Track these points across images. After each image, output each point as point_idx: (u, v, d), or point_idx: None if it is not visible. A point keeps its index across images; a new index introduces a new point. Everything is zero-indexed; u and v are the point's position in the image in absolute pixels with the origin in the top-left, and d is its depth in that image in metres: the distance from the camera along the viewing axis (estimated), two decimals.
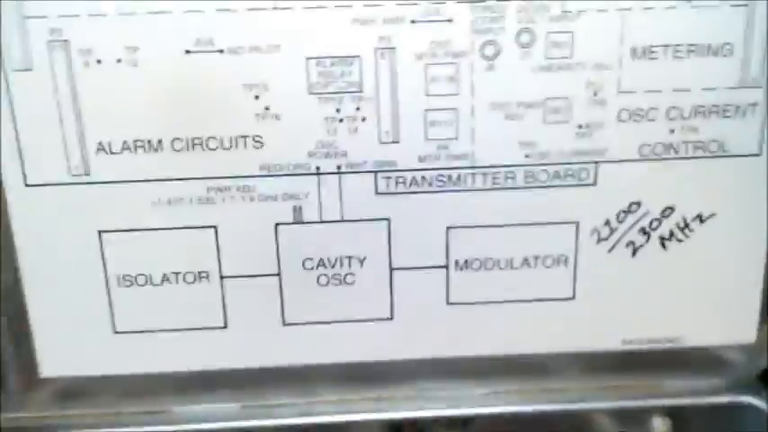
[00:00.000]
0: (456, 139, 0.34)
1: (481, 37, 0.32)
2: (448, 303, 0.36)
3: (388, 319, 0.37)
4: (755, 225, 0.36)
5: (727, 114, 0.34)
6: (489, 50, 0.32)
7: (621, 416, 0.39)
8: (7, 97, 0.32)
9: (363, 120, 0.33)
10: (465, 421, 0.38)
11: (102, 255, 0.35)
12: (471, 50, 0.32)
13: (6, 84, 0.32)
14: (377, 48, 0.32)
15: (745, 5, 0.32)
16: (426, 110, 0.33)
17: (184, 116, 0.33)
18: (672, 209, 0.35)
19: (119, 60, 0.32)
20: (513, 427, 0.38)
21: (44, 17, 0.31)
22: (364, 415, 0.38)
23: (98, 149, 0.33)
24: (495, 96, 0.33)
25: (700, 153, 0.34)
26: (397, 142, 0.34)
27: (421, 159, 0.34)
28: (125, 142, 0.33)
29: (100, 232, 0.34)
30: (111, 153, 0.33)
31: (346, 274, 0.36)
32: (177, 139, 0.33)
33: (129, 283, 0.35)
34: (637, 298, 0.37)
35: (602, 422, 0.39)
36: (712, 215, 0.35)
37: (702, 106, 0.34)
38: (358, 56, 0.32)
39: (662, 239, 0.36)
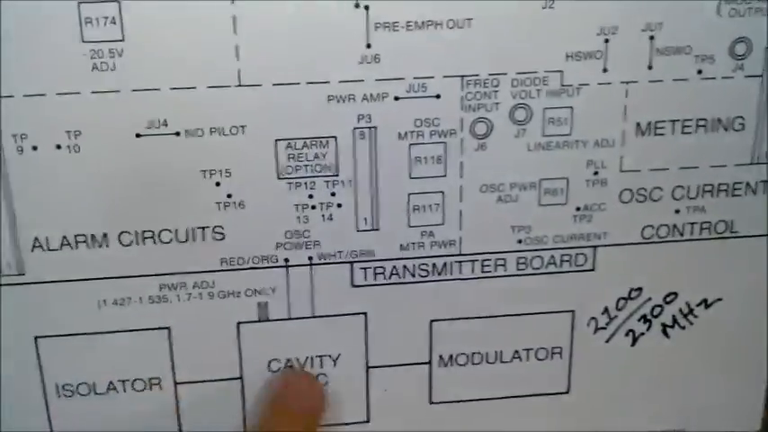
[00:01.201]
0: (442, 224, 0.31)
1: (472, 114, 0.30)
2: (431, 402, 0.34)
3: (364, 422, 0.34)
4: (763, 308, 0.34)
5: (737, 193, 0.32)
6: (480, 128, 0.30)
7: None
8: None
9: (339, 206, 0.30)
10: None
11: (39, 362, 0.31)
12: (461, 128, 0.30)
13: None
14: (355, 127, 0.29)
15: (760, 76, 0.30)
16: (410, 194, 0.30)
17: (134, 207, 0.30)
18: (675, 294, 0.33)
19: (58, 146, 0.28)
20: None
21: None
22: None
23: (34, 246, 0.30)
24: (486, 178, 0.31)
25: (706, 234, 0.32)
26: (377, 230, 0.31)
27: (403, 248, 0.31)
28: (65, 237, 0.30)
29: (36, 338, 0.31)
30: (49, 250, 0.30)
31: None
32: (125, 232, 0.30)
33: (69, 394, 0.32)
34: (636, 389, 0.35)
35: None
36: (718, 300, 0.33)
37: (711, 185, 0.32)
38: (334, 136, 0.29)
39: (664, 327, 0.34)
